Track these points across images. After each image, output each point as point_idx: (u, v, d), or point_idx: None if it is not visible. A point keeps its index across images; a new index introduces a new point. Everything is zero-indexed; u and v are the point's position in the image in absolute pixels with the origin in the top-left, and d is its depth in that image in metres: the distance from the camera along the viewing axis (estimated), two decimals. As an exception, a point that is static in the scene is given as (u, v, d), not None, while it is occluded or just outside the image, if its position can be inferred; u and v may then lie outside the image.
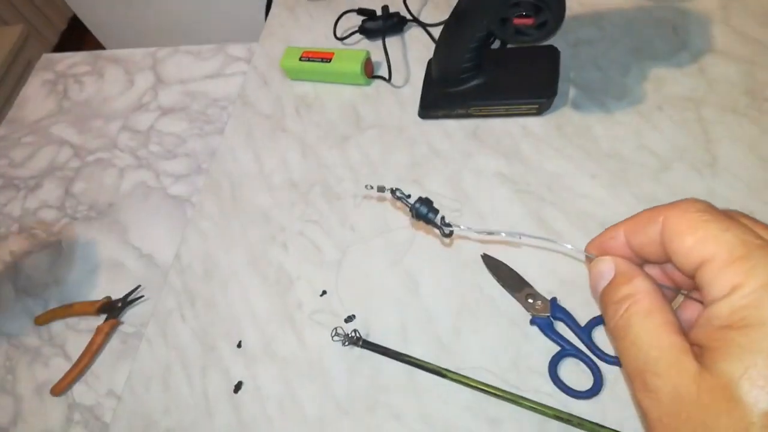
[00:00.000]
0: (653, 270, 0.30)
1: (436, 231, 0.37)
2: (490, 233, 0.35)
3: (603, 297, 0.27)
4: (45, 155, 0.88)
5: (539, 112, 0.62)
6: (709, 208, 0.24)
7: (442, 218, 0.37)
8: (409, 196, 0.38)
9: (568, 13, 0.56)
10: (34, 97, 0.96)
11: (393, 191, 0.38)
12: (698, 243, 0.23)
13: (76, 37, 2.22)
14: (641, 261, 0.28)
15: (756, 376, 0.20)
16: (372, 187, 0.38)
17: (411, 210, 0.38)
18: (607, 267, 0.28)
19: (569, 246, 0.31)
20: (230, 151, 0.73)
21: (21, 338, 0.72)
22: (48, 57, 1.01)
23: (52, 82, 0.96)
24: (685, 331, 0.24)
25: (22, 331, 0.72)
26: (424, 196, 0.38)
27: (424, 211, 0.38)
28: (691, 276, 0.24)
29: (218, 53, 0.88)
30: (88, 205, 0.80)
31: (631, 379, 0.24)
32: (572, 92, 0.63)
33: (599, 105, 0.61)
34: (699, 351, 0.23)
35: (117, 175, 0.81)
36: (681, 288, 0.29)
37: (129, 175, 0.80)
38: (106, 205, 0.78)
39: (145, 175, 0.79)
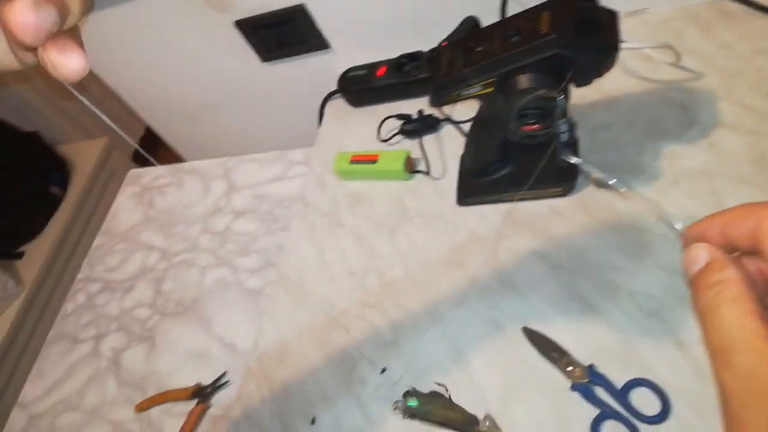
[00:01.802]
0: (751, 264, 0.32)
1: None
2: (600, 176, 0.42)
3: (695, 280, 0.31)
4: (136, 260, 1.01)
5: (564, 194, 0.69)
6: None
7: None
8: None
9: (584, 100, 0.63)
10: (124, 208, 1.11)
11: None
12: None
13: (154, 142, 2.46)
14: (732, 249, 0.31)
15: None
16: None
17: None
18: (702, 253, 0.31)
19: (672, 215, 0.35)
20: (295, 246, 0.82)
21: (124, 425, 0.82)
22: (134, 172, 1.16)
23: (139, 195, 1.11)
24: None
25: (124, 418, 0.82)
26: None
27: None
28: None
29: (280, 159, 1.00)
30: (175, 301, 0.91)
31: (713, 356, 0.28)
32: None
33: (619, 183, 0.67)
34: None
35: (199, 273, 0.92)
36: None
37: (210, 272, 0.92)
38: (192, 301, 0.89)
39: (224, 271, 0.90)
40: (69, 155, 1.94)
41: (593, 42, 0.54)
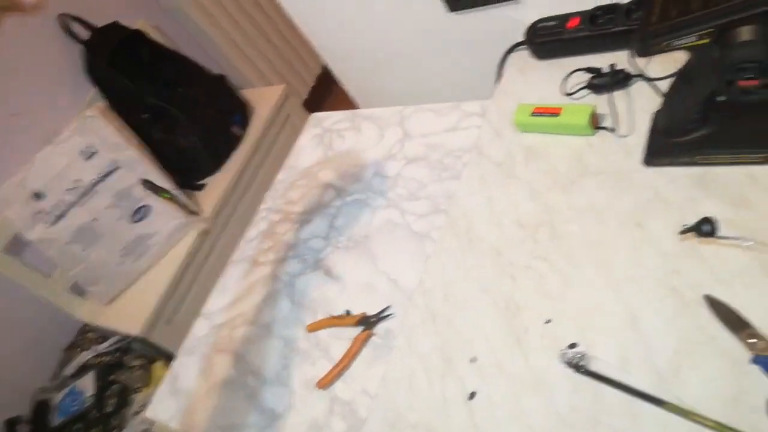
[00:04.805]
0: None
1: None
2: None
3: None
4: (314, 195, 1.09)
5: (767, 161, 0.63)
6: None
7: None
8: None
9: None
10: (306, 147, 1.19)
11: None
12: None
13: (323, 92, 2.60)
14: None
15: None
16: None
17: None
18: None
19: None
20: (466, 194, 0.84)
21: (295, 342, 0.90)
22: (316, 116, 1.24)
23: (319, 136, 1.19)
24: None
25: (295, 335, 0.91)
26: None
27: None
28: None
29: (455, 110, 1.02)
30: (347, 236, 0.97)
31: None
32: (808, 142, 0.63)
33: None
34: None
35: (370, 212, 0.98)
36: None
37: (379, 213, 0.97)
38: (362, 237, 0.95)
39: (393, 213, 0.95)
40: (249, 99, 2.10)
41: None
